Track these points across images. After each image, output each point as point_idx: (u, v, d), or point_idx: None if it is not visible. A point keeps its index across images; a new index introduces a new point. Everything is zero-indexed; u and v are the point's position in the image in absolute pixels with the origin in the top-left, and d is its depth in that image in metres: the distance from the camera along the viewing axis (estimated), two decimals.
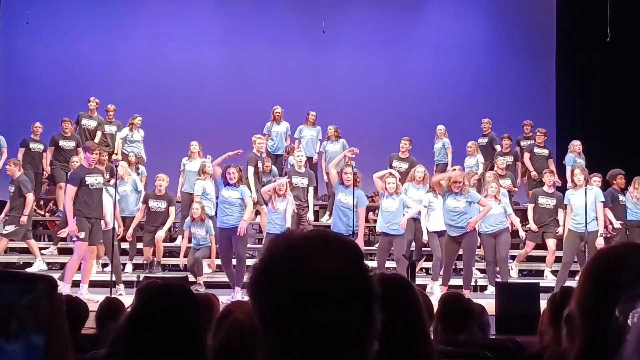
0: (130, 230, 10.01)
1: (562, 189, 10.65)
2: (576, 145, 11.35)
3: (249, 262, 10.03)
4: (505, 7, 15.37)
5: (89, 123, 11.97)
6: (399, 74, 15.08)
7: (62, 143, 11.37)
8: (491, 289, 8.68)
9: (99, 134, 11.78)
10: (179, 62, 14.57)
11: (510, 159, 11.95)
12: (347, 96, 14.32)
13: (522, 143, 12.37)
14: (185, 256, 9.80)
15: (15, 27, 14.36)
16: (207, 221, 9.66)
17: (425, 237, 9.35)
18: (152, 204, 10.03)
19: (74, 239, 8.21)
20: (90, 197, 8.21)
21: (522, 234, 9.98)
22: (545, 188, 10.25)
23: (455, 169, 9.29)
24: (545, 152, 11.84)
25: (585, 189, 9.12)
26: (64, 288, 7.83)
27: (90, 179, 8.25)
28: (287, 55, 14.79)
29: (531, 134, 12.35)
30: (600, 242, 8.95)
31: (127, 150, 11.47)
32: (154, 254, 10.10)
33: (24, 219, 9.72)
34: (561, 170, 11.49)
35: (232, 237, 8.71)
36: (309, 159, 11.45)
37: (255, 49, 14.67)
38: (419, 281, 9.52)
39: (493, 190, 9.21)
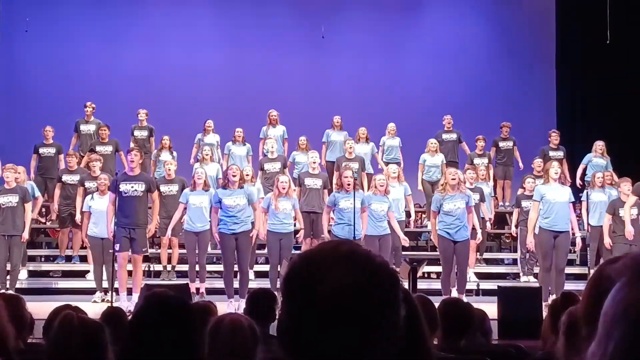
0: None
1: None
2: (598, 145, 11.38)
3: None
4: (505, 10, 15.37)
5: (87, 128, 11.99)
6: (398, 78, 15.08)
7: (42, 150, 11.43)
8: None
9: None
10: (178, 67, 14.58)
11: (485, 160, 11.96)
12: (346, 100, 14.32)
13: (501, 144, 12.38)
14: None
15: (15, 35, 14.37)
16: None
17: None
18: (164, 188, 9.91)
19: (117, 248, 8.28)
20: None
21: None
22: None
23: None
24: (560, 154, 11.75)
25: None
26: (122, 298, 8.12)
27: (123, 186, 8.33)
28: (286, 60, 14.80)
29: (508, 135, 12.38)
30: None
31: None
32: (169, 261, 10.05)
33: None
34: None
35: (237, 246, 8.53)
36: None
37: (255, 54, 14.69)
38: (423, 285, 9.52)
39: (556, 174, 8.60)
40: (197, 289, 9.16)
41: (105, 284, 8.96)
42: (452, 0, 15.53)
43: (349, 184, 8.63)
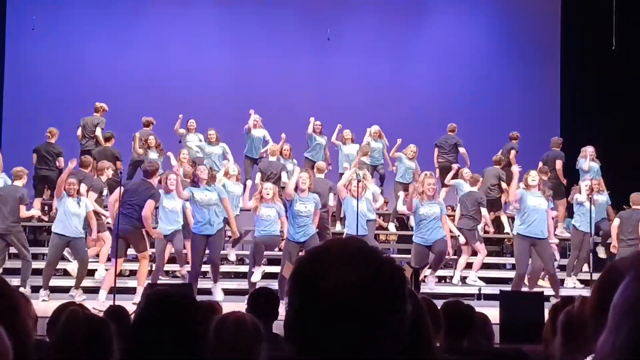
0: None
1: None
2: (589, 151, 11.39)
3: (243, 268, 10.08)
4: (510, 14, 15.40)
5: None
6: (403, 80, 15.11)
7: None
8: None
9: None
10: (184, 68, 14.61)
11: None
12: (352, 102, 14.34)
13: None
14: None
15: (21, 33, 14.42)
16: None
17: None
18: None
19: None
20: None
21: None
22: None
23: (426, 174, 9.16)
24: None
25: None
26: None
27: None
28: (292, 62, 14.83)
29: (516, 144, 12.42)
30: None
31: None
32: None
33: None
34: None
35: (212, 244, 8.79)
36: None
37: (260, 56, 14.72)
38: (425, 289, 9.53)
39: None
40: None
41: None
42: (458, 3, 15.55)
43: (303, 185, 8.69)
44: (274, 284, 8.65)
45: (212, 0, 15.41)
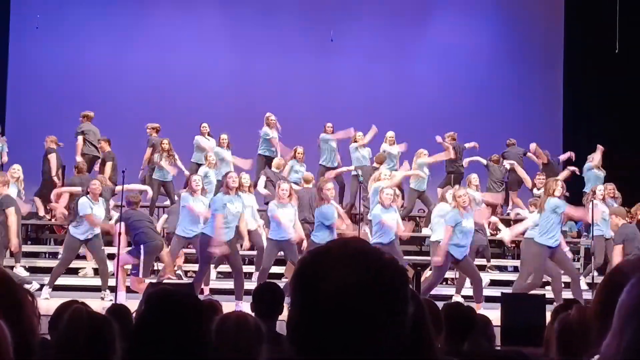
0: None
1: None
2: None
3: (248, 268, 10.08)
4: (513, 16, 15.40)
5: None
6: (406, 82, 15.11)
7: None
8: None
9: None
10: (187, 69, 14.62)
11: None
12: (355, 103, 14.35)
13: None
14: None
15: (25, 32, 14.44)
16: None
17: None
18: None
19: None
20: None
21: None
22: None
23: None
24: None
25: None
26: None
27: None
28: (295, 63, 14.83)
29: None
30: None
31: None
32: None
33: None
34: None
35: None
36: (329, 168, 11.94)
37: (263, 57, 14.72)
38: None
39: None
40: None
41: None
42: (461, 6, 15.56)
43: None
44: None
45: (215, 1, 15.42)
